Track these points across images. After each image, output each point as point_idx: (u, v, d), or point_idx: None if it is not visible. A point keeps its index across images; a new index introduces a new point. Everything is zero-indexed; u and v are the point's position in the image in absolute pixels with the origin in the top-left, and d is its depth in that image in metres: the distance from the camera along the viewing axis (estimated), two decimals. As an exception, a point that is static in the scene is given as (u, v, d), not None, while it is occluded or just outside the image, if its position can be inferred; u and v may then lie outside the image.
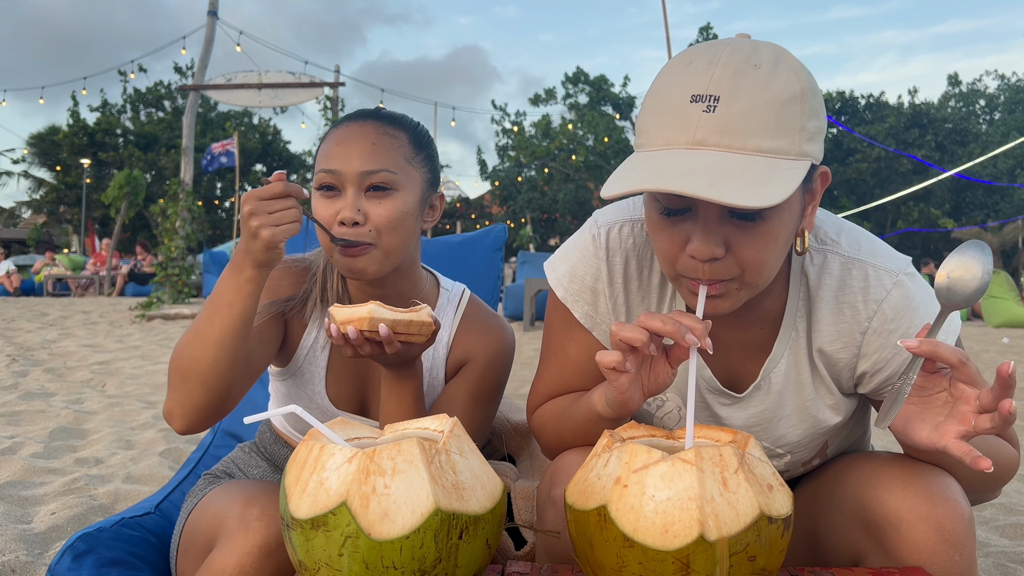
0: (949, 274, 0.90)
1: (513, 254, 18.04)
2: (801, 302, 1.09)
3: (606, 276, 1.14)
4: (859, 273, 1.06)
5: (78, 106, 30.96)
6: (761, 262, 0.94)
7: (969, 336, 9.53)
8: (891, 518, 0.99)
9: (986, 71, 59.53)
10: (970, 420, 0.87)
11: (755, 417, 1.14)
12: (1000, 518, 2.37)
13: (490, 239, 2.18)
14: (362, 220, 1.20)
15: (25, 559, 1.81)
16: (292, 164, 36.51)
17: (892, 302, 1.05)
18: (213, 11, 12.53)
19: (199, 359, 1.10)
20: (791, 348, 1.11)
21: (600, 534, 0.78)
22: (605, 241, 1.14)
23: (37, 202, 34.52)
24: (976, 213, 30.94)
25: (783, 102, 0.88)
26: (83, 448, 3.06)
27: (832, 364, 1.10)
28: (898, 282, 1.06)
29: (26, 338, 6.83)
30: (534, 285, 9.08)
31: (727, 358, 1.14)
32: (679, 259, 0.96)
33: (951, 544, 0.96)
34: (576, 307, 1.16)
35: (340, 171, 1.20)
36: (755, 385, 1.12)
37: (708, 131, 0.87)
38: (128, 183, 14.18)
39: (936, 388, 0.92)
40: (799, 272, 1.09)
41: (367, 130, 1.24)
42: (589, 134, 29.64)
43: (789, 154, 0.88)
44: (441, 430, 0.97)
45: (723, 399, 1.15)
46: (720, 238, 0.92)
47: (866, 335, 1.07)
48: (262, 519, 1.05)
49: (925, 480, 1.00)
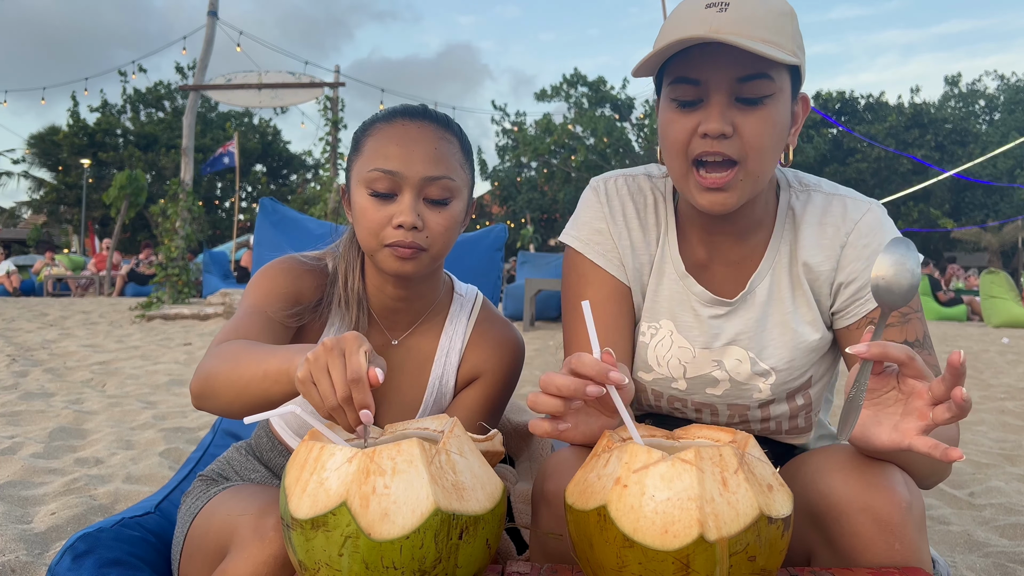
0: (883, 275, 0.91)
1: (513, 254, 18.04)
2: (786, 230, 1.26)
3: (609, 216, 1.30)
4: (839, 203, 1.25)
5: (78, 106, 30.98)
6: (762, 146, 1.09)
7: (969, 336, 9.53)
8: (832, 511, 1.01)
9: (986, 71, 59.55)
10: (927, 414, 0.88)
11: (742, 327, 1.25)
12: (1000, 518, 2.37)
13: (490, 239, 2.18)
14: (421, 225, 1.18)
15: (25, 559, 1.81)
16: (292, 164, 36.53)
17: (867, 221, 1.22)
18: (213, 11, 12.53)
19: (223, 391, 1.07)
20: (774, 266, 1.25)
21: (600, 534, 0.79)
22: (604, 190, 1.32)
23: (37, 202, 34.53)
24: (976, 213, 30.95)
25: (779, 12, 1.09)
26: (83, 448, 3.06)
27: (815, 277, 1.24)
28: (871, 209, 1.24)
29: (26, 338, 6.84)
30: (534, 285, 9.08)
31: (718, 279, 1.27)
32: (691, 144, 1.11)
33: (889, 533, 0.97)
34: (590, 249, 1.29)
35: (401, 173, 1.18)
36: (741, 295, 1.25)
37: (721, 23, 1.05)
38: (129, 183, 14.17)
39: (885, 388, 0.93)
40: (786, 207, 1.26)
41: (427, 133, 1.21)
42: (589, 134, 29.63)
43: (785, 49, 1.06)
44: (441, 430, 0.97)
45: (716, 309, 1.26)
46: (729, 119, 1.08)
47: (844, 248, 1.22)
48: (278, 528, 1.04)
49: (863, 470, 1.01)
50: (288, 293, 1.27)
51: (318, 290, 1.31)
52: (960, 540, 2.17)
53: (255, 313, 1.23)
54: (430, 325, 1.37)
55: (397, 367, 1.35)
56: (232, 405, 1.06)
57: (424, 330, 1.36)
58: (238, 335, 1.18)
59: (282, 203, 2.91)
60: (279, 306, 1.24)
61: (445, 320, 1.37)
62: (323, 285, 1.32)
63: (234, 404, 1.06)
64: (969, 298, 13.64)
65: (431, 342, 1.36)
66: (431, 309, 1.36)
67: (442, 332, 1.36)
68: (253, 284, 1.29)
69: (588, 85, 32.75)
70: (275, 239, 2.18)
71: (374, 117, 1.27)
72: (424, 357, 1.36)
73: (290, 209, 2.31)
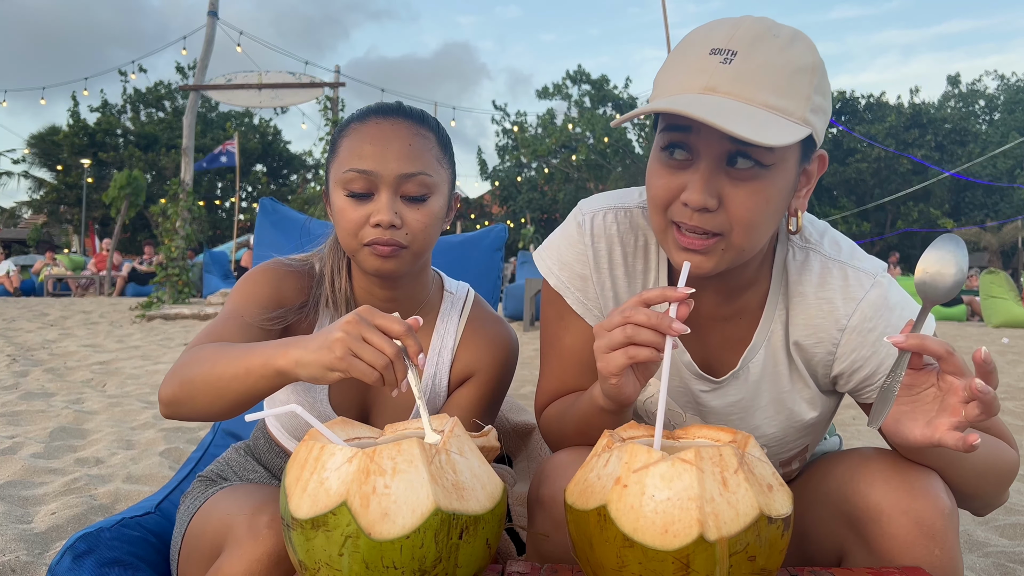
0: (927, 269, 0.91)
1: (513, 254, 18.03)
2: (781, 296, 1.13)
3: (592, 262, 1.17)
4: (839, 272, 1.10)
5: (78, 106, 30.98)
6: (750, 222, 0.97)
7: (969, 336, 9.53)
8: (872, 512, 1.00)
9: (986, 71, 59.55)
10: (960, 411, 0.88)
11: (733, 404, 1.17)
12: (1000, 518, 2.37)
13: (490, 239, 2.18)
14: (399, 223, 1.18)
15: (25, 559, 1.81)
16: (292, 164, 36.53)
17: (870, 301, 1.08)
18: (213, 11, 12.53)
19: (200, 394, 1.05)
20: (769, 340, 1.14)
21: (600, 534, 0.79)
22: (590, 227, 1.18)
23: (37, 202, 34.51)
24: (976, 213, 30.93)
25: (795, 69, 0.94)
26: (83, 448, 3.06)
27: (808, 358, 1.13)
28: (876, 283, 1.09)
29: (26, 338, 6.83)
30: (534, 285, 9.08)
31: (709, 348, 1.17)
32: (672, 206, 1.00)
33: (930, 538, 0.97)
34: (568, 294, 1.19)
35: (376, 172, 1.17)
36: (733, 373, 1.15)
37: (721, 79, 0.93)
38: (129, 183, 14.17)
39: (924, 385, 0.92)
40: (781, 267, 1.13)
41: (401, 129, 1.20)
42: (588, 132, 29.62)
43: (793, 116, 0.94)
44: (441, 430, 0.97)
45: (703, 385, 1.17)
46: (715, 190, 0.96)
47: (844, 333, 1.10)
48: (272, 526, 1.04)
49: (906, 475, 1.00)
50: (268, 296, 1.26)
51: (302, 292, 1.30)
52: (960, 540, 2.17)
53: (232, 318, 1.22)
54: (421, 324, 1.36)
55: None
56: (212, 407, 1.05)
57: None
58: (211, 339, 1.16)
59: (282, 203, 2.91)
60: (257, 311, 1.23)
61: (436, 319, 1.37)
62: (308, 287, 1.31)
63: (214, 406, 1.05)
64: (969, 298, 13.63)
65: (422, 341, 1.36)
66: (421, 308, 1.36)
67: (433, 331, 1.36)
68: (234, 290, 1.29)
69: (591, 83, 32.73)
70: (275, 239, 2.18)
71: (350, 117, 1.27)
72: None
73: (290, 209, 2.31)
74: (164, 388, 1.10)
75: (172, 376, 1.10)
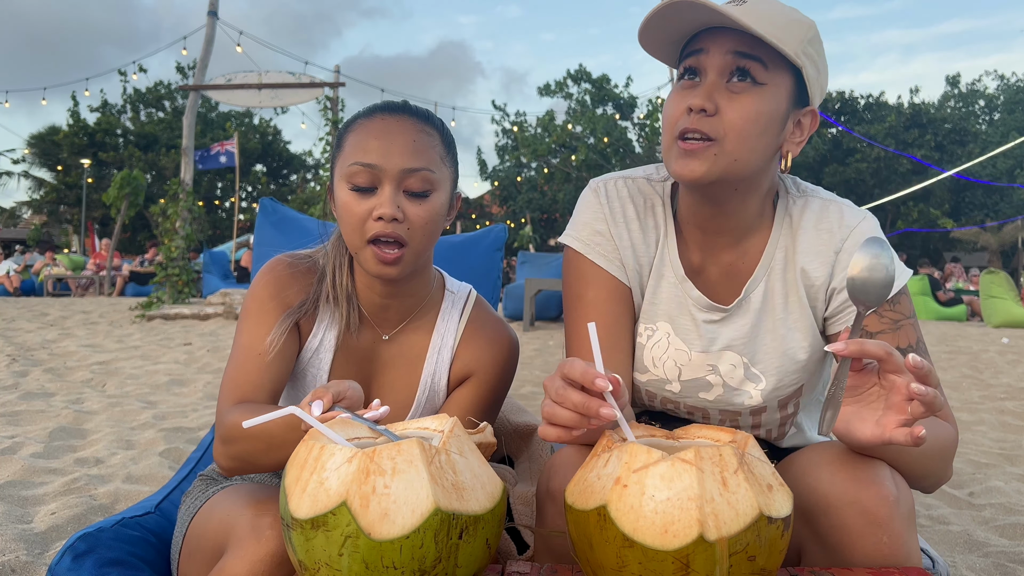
0: (858, 274, 0.92)
1: (513, 254, 18.03)
2: (783, 235, 1.27)
3: (609, 216, 1.30)
4: (835, 209, 1.26)
5: (78, 106, 30.97)
6: (741, 129, 1.12)
7: (969, 336, 9.52)
8: (821, 504, 1.02)
9: (986, 71, 59.53)
10: (906, 408, 0.90)
11: (737, 333, 1.27)
12: (1000, 518, 2.37)
13: (490, 239, 2.18)
14: (401, 217, 1.19)
15: (25, 559, 1.81)
16: (292, 164, 36.53)
17: (862, 228, 1.24)
18: (213, 11, 12.52)
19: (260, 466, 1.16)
20: (769, 272, 1.26)
21: (600, 534, 0.79)
22: (604, 191, 1.33)
23: (37, 202, 34.51)
24: (975, 213, 30.93)
25: (795, 19, 1.12)
26: (83, 448, 3.06)
27: (811, 283, 1.25)
28: (866, 217, 1.26)
29: (26, 338, 6.83)
30: (534, 285, 9.08)
31: (715, 284, 1.29)
32: (679, 120, 1.14)
33: (877, 527, 0.98)
34: (591, 250, 1.29)
35: (380, 166, 1.19)
36: (737, 302, 1.26)
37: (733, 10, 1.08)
38: (128, 183, 14.16)
39: (867, 385, 0.95)
40: (783, 212, 1.28)
41: (406, 126, 1.22)
42: (588, 133, 29.61)
43: (788, 48, 1.09)
44: (441, 430, 0.97)
45: (712, 314, 1.27)
46: (714, 98, 1.12)
47: (839, 254, 1.24)
48: (274, 527, 1.04)
49: (853, 466, 1.02)
50: (276, 315, 1.28)
51: (305, 291, 1.31)
52: (960, 540, 2.17)
53: (250, 359, 1.24)
54: (422, 322, 1.37)
55: (389, 364, 1.35)
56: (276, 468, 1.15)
57: (416, 327, 1.36)
58: (242, 392, 1.22)
59: (282, 203, 2.92)
60: (270, 338, 1.25)
61: (437, 317, 1.37)
62: (307, 283, 1.32)
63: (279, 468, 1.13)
64: (969, 298, 13.63)
65: (423, 339, 1.36)
66: (422, 306, 1.36)
67: (434, 329, 1.36)
68: (243, 316, 1.30)
69: (592, 82, 32.70)
70: (275, 239, 2.18)
71: (356, 114, 1.28)
72: (416, 354, 1.36)
73: (290, 209, 2.31)
74: (221, 460, 1.18)
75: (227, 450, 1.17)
